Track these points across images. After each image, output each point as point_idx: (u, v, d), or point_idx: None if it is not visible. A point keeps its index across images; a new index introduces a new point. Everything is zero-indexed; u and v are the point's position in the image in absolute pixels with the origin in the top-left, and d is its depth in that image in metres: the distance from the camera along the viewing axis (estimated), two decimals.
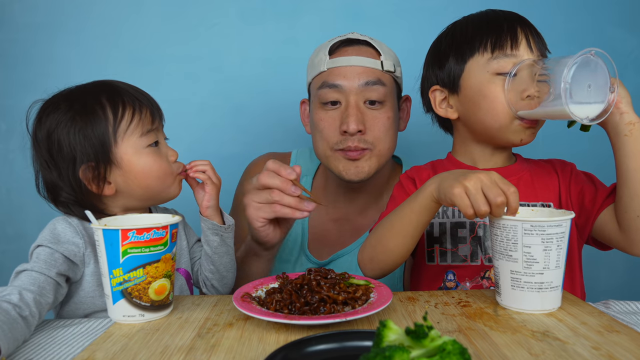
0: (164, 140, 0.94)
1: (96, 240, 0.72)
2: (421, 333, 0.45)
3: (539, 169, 0.98)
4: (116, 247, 0.70)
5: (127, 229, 0.69)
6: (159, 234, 0.71)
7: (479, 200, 0.70)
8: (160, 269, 0.72)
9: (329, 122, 1.08)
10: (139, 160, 0.86)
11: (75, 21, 1.53)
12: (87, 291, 0.85)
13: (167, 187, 0.90)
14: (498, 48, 0.89)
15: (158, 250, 0.72)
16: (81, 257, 0.83)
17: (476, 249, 0.92)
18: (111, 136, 0.85)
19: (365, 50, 1.08)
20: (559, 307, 0.73)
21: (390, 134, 1.09)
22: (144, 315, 0.72)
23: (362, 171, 1.08)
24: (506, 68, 0.88)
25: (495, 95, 0.89)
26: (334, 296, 0.70)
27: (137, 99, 0.89)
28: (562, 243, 0.71)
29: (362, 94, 1.05)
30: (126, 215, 0.83)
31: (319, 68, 1.09)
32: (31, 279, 0.75)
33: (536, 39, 0.90)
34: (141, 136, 0.87)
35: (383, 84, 1.06)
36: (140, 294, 0.71)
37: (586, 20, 1.53)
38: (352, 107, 1.05)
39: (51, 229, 0.84)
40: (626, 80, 1.54)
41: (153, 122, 0.89)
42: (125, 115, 0.86)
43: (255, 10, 1.54)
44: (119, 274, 0.70)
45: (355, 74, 1.05)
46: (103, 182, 0.86)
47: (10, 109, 1.53)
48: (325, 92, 1.07)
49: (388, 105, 1.08)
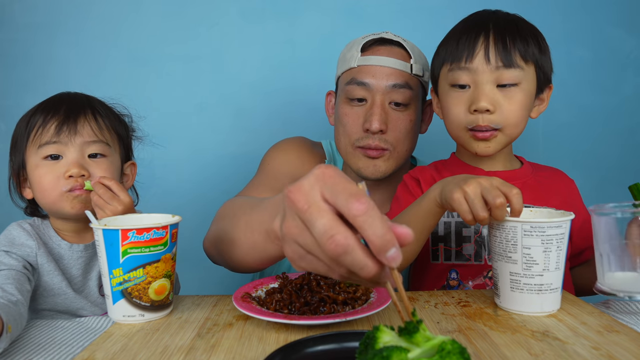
0: (75, 156, 0.87)
1: (96, 240, 0.72)
2: (411, 328, 0.46)
3: (545, 175, 0.99)
4: (116, 247, 0.70)
5: (127, 229, 0.69)
6: (159, 233, 0.71)
7: (477, 206, 0.69)
8: (160, 269, 0.72)
9: (353, 117, 1.09)
10: (35, 171, 0.89)
11: (74, 21, 1.53)
12: (48, 291, 0.89)
13: (52, 204, 0.88)
14: (454, 60, 0.91)
15: (158, 250, 0.72)
16: (34, 259, 0.87)
17: (480, 248, 0.92)
18: (24, 140, 0.89)
19: (397, 51, 1.09)
20: (558, 309, 0.73)
21: (410, 136, 1.10)
22: (144, 315, 0.72)
23: (380, 170, 1.09)
24: (459, 80, 0.91)
25: (449, 106, 0.93)
26: (333, 296, 0.70)
27: (54, 110, 0.89)
28: (562, 244, 0.70)
29: (388, 95, 1.06)
30: (127, 215, 0.83)
31: (349, 63, 1.10)
32: (2, 276, 0.77)
33: (500, 48, 0.88)
34: (39, 147, 0.88)
35: (410, 87, 1.07)
36: (140, 294, 0.71)
37: (585, 20, 1.53)
38: (377, 107, 1.06)
39: (6, 234, 0.88)
40: (625, 81, 1.55)
41: (56, 135, 0.87)
42: (36, 124, 0.88)
43: (255, 9, 1.54)
44: (119, 274, 0.70)
45: (384, 75, 1.06)
46: (21, 184, 0.92)
47: (10, 109, 1.53)
48: (352, 89, 1.08)
49: (412, 109, 1.09)
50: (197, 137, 1.57)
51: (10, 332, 0.64)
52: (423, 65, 1.10)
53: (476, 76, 0.89)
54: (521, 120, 0.91)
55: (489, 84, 0.88)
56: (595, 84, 1.54)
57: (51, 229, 0.92)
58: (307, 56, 1.52)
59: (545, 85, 0.95)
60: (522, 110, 0.90)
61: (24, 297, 0.75)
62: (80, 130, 0.88)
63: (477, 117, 0.89)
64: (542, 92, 0.95)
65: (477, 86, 0.89)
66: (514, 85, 0.89)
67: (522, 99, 0.89)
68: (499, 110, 0.88)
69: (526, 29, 0.91)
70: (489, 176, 0.73)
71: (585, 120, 1.55)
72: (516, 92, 0.89)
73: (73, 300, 0.90)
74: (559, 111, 1.55)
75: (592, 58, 1.54)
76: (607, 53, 1.54)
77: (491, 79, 0.88)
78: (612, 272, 0.72)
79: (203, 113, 1.57)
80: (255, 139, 1.56)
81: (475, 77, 0.89)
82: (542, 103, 0.96)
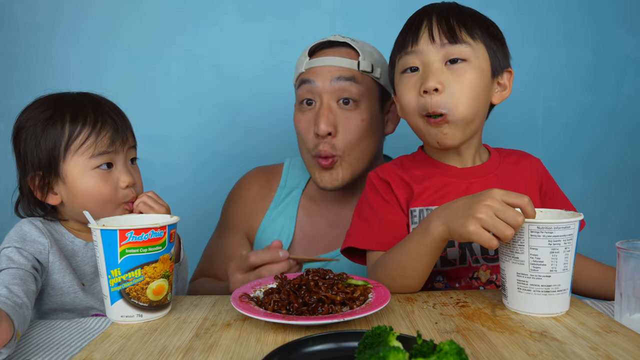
0: (123, 164, 0.91)
1: (94, 240, 0.72)
2: (426, 349, 0.46)
3: (512, 165, 0.96)
4: (114, 247, 0.70)
5: (125, 229, 0.69)
6: (157, 234, 0.71)
7: (501, 228, 0.67)
8: (158, 270, 0.72)
9: (304, 123, 1.08)
10: (82, 180, 0.87)
11: (74, 21, 1.53)
12: (56, 289, 0.88)
13: (108, 214, 0.88)
14: (402, 47, 0.90)
15: (156, 250, 0.72)
16: (46, 257, 0.86)
17: (464, 251, 0.90)
18: (62, 151, 0.86)
19: (343, 51, 1.08)
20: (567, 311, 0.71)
21: (366, 138, 1.07)
22: (142, 315, 0.72)
23: (337, 179, 1.07)
24: (408, 64, 0.88)
25: (402, 93, 0.89)
26: (332, 296, 0.70)
27: (102, 120, 0.88)
28: (570, 245, 0.69)
29: (335, 93, 1.05)
30: (124, 215, 0.83)
31: (299, 69, 1.11)
32: (11, 275, 0.77)
33: (445, 27, 0.86)
34: (91, 157, 0.87)
35: (357, 81, 1.05)
36: (139, 294, 0.71)
37: (585, 20, 1.53)
38: (324, 108, 1.04)
39: (17, 230, 0.87)
40: (626, 81, 1.55)
41: (111, 145, 0.88)
42: (81, 133, 0.87)
43: (254, 9, 1.54)
44: (117, 274, 0.70)
45: (329, 73, 1.05)
46: (47, 192, 0.89)
47: (10, 109, 1.51)
48: (301, 91, 1.08)
49: (363, 107, 1.06)
50: (197, 137, 1.57)
51: (19, 339, 0.64)
52: (374, 62, 1.08)
53: (423, 57, 0.86)
54: (473, 101, 0.85)
55: (436, 63, 0.85)
56: (595, 84, 1.54)
57: (62, 227, 0.92)
58: None
59: (503, 69, 0.91)
60: (474, 90, 0.85)
61: (29, 299, 0.74)
62: (128, 139, 0.92)
63: (426, 100, 0.85)
64: (500, 76, 0.91)
65: (425, 66, 0.86)
66: (464, 61, 0.85)
67: (472, 77, 0.85)
68: (447, 89, 0.84)
69: (470, 12, 0.90)
70: (486, 190, 0.71)
71: (585, 120, 1.55)
72: (466, 69, 0.85)
73: (82, 299, 0.90)
74: (559, 111, 1.55)
75: (592, 58, 1.54)
76: (607, 53, 1.54)
77: (438, 57, 0.85)
78: (631, 314, 0.70)
79: (202, 113, 1.57)
80: (255, 139, 1.56)
81: (422, 58, 0.86)
82: (504, 89, 0.92)
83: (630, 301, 0.70)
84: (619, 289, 0.71)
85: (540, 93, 1.55)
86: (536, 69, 1.54)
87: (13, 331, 0.63)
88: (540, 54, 1.53)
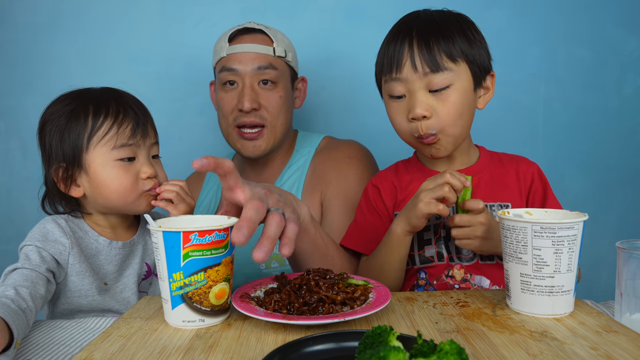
0: (145, 157, 0.92)
1: (154, 242, 0.68)
2: (426, 349, 0.46)
3: (500, 167, 0.99)
4: (177, 250, 0.66)
5: (189, 231, 0.65)
6: (220, 236, 0.67)
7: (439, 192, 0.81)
8: (221, 273, 0.68)
9: (227, 100, 1.21)
10: (104, 171, 0.88)
11: (75, 21, 1.53)
12: (73, 291, 0.88)
13: (130, 203, 0.91)
14: (387, 72, 0.93)
15: (219, 253, 0.68)
16: (66, 258, 0.86)
17: (441, 249, 0.95)
18: (85, 142, 0.88)
19: (260, 38, 1.21)
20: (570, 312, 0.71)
21: (283, 111, 1.22)
22: (204, 320, 0.68)
23: (259, 148, 1.20)
24: (394, 92, 0.92)
25: (392, 117, 0.95)
26: (332, 296, 0.70)
27: (124, 112, 0.90)
28: (574, 246, 0.69)
29: (256, 76, 1.19)
30: (180, 216, 0.78)
31: (220, 54, 1.22)
32: (23, 276, 0.77)
33: (425, 54, 0.88)
34: (113, 149, 0.88)
35: (275, 67, 1.20)
36: (201, 299, 0.67)
37: (586, 20, 1.53)
38: (247, 88, 1.18)
39: (40, 228, 0.87)
40: (626, 82, 1.55)
41: (132, 137, 0.90)
42: (103, 125, 0.88)
43: (255, 9, 1.54)
44: (180, 277, 0.67)
45: (250, 60, 1.19)
46: (70, 183, 0.90)
47: (10, 109, 1.53)
48: (224, 75, 1.21)
49: (280, 86, 1.21)
50: (197, 137, 1.57)
51: (18, 347, 0.64)
52: (286, 48, 1.23)
53: (408, 85, 0.90)
54: (458, 118, 0.91)
55: (420, 91, 0.89)
56: (595, 84, 1.54)
57: (85, 224, 0.92)
58: (307, 56, 1.51)
59: (485, 75, 0.94)
60: (459, 110, 0.90)
61: (35, 303, 0.73)
62: (150, 133, 0.93)
63: (416, 125, 0.91)
64: (483, 82, 0.95)
65: (411, 94, 0.90)
66: (446, 88, 0.89)
67: (456, 99, 0.90)
68: (435, 114, 0.89)
69: (450, 25, 0.91)
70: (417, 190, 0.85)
71: (586, 120, 1.55)
72: (450, 93, 0.89)
73: (100, 302, 0.90)
74: (559, 111, 1.55)
75: (592, 58, 1.54)
76: (607, 53, 1.54)
77: (422, 85, 0.89)
78: (631, 314, 0.70)
79: (203, 113, 1.57)
80: None
81: (407, 86, 0.91)
82: (487, 92, 0.96)
83: (631, 301, 0.70)
84: (619, 289, 0.71)
85: (540, 93, 1.55)
86: (536, 69, 1.54)
87: (11, 340, 0.62)
88: (540, 54, 1.53)
